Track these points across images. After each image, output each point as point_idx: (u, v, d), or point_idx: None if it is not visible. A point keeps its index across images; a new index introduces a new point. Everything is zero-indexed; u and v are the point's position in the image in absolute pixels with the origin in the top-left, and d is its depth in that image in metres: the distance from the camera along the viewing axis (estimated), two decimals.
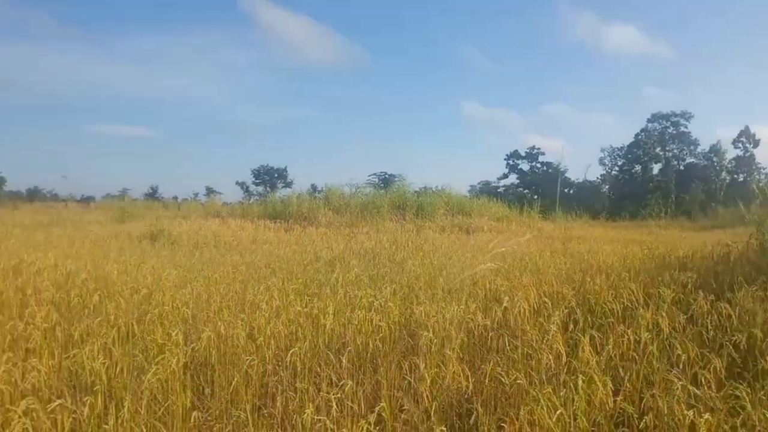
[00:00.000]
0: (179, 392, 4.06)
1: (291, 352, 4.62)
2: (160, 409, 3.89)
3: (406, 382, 4.59)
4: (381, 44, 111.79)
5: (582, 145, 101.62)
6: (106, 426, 3.37)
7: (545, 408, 3.64)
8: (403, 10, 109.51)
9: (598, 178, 61.41)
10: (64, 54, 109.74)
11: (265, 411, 4.13)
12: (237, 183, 65.52)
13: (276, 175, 65.00)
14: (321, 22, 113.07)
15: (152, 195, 64.05)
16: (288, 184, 64.51)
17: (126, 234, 19.12)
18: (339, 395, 3.73)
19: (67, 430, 3.35)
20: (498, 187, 64.28)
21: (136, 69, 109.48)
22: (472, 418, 4.04)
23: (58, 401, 3.27)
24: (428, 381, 4.10)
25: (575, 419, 3.75)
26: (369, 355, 5.17)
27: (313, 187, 40.90)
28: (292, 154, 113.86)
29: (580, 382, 3.92)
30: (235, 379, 4.41)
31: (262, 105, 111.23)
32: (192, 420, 3.85)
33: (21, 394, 3.97)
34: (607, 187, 60.83)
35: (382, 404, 3.58)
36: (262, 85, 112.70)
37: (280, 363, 5.00)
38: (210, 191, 65.38)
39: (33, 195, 73.07)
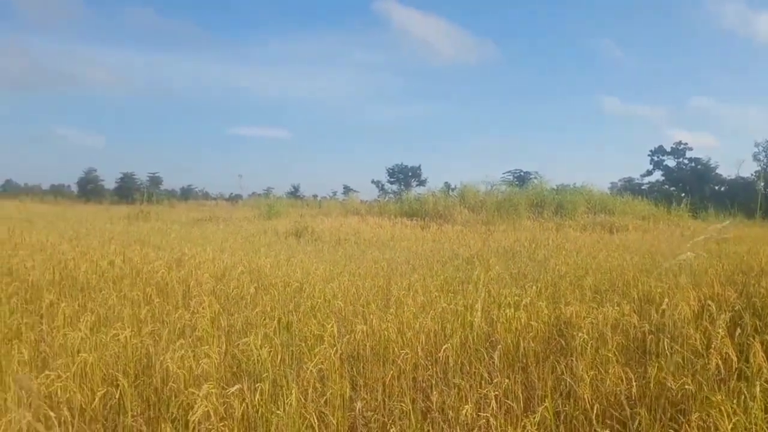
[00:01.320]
0: (339, 382, 4.20)
1: (444, 347, 4.62)
2: (321, 398, 4.03)
3: (561, 382, 4.42)
4: (513, 40, 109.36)
5: (733, 140, 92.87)
6: (278, 412, 3.55)
7: (725, 414, 3.35)
8: (535, 5, 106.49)
9: (752, 174, 55.83)
10: (208, 61, 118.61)
11: (422, 404, 4.16)
12: (372, 182, 66.93)
13: (410, 174, 65.69)
14: (451, 21, 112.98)
15: (294, 193, 67.21)
16: (422, 183, 64.90)
17: (273, 230, 20.22)
18: (497, 392, 3.66)
19: (240, 413, 3.58)
20: (642, 185, 60.49)
21: (274, 73, 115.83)
22: (636, 422, 3.81)
23: (237, 386, 3.50)
24: (587, 382, 3.91)
25: (746, 428, 3.44)
26: (520, 353, 5.05)
27: (447, 185, 40.77)
28: (425, 153, 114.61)
29: (758, 388, 3.58)
30: (391, 371, 4.49)
31: (395, 104, 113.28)
32: (355, 409, 3.96)
33: (194, 379, 4.29)
34: (762, 184, 55.11)
35: (545, 404, 3.47)
36: (395, 85, 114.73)
37: (429, 358, 5.03)
38: (347, 190, 67.36)
39: (186, 193, 79.38)
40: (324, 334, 5.12)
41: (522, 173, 50.51)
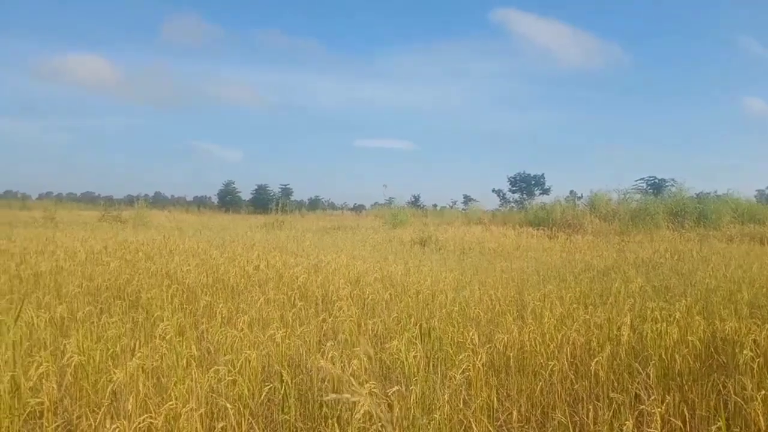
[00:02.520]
0: (484, 390, 4.20)
1: (595, 361, 4.47)
2: (467, 407, 4.05)
3: (727, 402, 4.13)
4: (642, 41, 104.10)
5: None
6: (436, 415, 3.62)
7: None
8: (664, 4, 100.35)
9: None
10: (335, 77, 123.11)
11: (576, 418, 4.05)
12: (493, 190, 66.06)
13: (533, 182, 64.08)
14: (575, 24, 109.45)
15: (415, 203, 67.80)
16: (545, 191, 63.06)
17: (398, 239, 20.54)
18: (659, 409, 3.49)
19: (396, 414, 3.68)
20: None
21: (397, 86, 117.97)
22: None
23: (396, 387, 3.61)
24: (758, 403, 3.63)
25: None
26: (674, 371, 4.78)
27: (573, 194, 39.32)
28: (549, 160, 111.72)
29: None
30: (540, 383, 4.42)
31: (516, 112, 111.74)
32: (500, 419, 3.94)
33: (346, 380, 4.45)
34: None
35: (717, 424, 3.26)
36: (516, 93, 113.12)
37: (575, 370, 4.89)
38: (467, 199, 67.10)
39: (314, 204, 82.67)
40: (465, 342, 5.14)
41: (656, 180, 47.42)
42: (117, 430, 3.06)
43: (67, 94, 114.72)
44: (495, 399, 4.18)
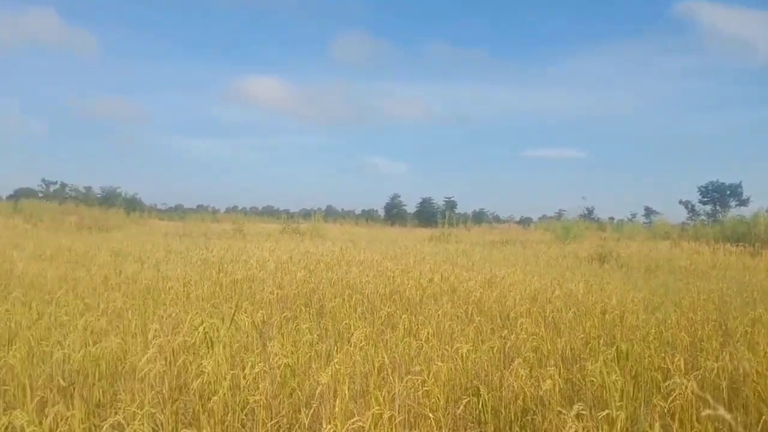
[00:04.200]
0: (696, 422, 3.82)
1: None
2: None
3: None
4: None
5: None
6: None
7: None
8: None
9: None
10: (502, 85, 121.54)
11: None
12: (680, 202, 60.26)
13: (728, 192, 57.58)
14: None
15: (588, 216, 64.48)
16: (743, 202, 56.25)
17: (573, 254, 19.69)
18: None
19: None
20: None
21: (569, 92, 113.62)
22: None
23: (605, 411, 3.42)
24: None
25: None
26: None
27: None
28: (747, 167, 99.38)
29: None
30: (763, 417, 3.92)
31: (705, 114, 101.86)
32: None
33: (539, 399, 4.30)
34: None
35: None
36: (705, 92, 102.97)
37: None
38: (649, 211, 62.38)
39: (479, 217, 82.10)
40: (668, 367, 4.72)
41: None
42: (332, 430, 3.21)
43: (252, 117, 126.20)
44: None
